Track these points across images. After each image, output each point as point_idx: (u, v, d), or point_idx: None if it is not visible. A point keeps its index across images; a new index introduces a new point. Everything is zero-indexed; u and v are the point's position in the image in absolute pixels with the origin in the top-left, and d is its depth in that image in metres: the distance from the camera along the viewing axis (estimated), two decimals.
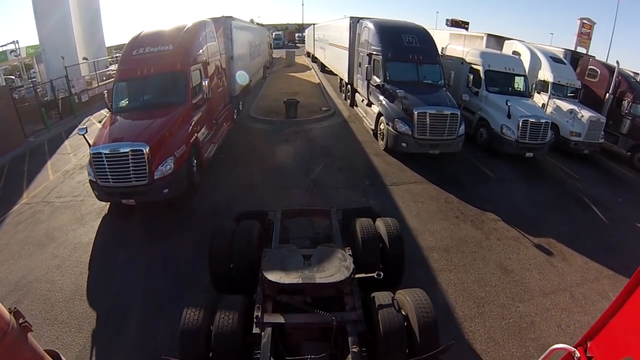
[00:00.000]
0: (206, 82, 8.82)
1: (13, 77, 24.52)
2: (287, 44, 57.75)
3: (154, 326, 4.90)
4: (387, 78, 11.09)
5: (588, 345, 2.32)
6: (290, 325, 3.63)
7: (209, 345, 3.39)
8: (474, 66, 12.63)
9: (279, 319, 3.60)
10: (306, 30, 41.56)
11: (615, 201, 9.21)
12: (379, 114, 11.08)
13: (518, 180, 9.80)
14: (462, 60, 13.26)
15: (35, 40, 22.10)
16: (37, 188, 9.30)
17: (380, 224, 4.92)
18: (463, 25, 24.18)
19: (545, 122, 10.78)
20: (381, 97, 11.04)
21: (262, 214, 5.57)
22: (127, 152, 7.06)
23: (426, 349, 3.31)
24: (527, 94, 12.51)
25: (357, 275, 3.94)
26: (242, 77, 15.76)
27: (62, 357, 2.52)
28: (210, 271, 4.68)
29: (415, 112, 9.73)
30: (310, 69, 30.05)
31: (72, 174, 10.05)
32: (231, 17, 12.53)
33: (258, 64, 21.12)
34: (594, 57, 16.72)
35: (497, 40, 19.70)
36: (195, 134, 8.56)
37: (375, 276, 3.90)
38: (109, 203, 8.00)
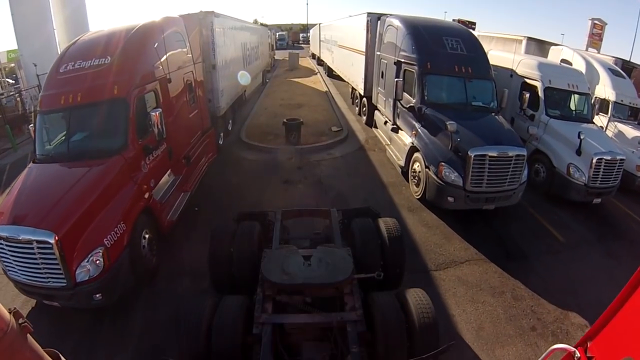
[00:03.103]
0: (156, 113, 5.51)
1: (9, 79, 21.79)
2: (290, 44, 55.25)
3: None
4: (426, 98, 7.93)
5: (588, 345, 2.25)
6: (290, 326, 3.55)
7: (209, 346, 3.26)
8: (528, 81, 9.42)
9: (279, 319, 3.53)
10: (311, 30, 38.97)
11: None
12: (413, 148, 7.96)
13: (591, 243, 7.00)
14: (511, 72, 10.10)
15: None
16: None
17: (380, 224, 4.73)
18: (470, 25, 21.58)
19: (621, 159, 7.91)
20: (417, 125, 7.85)
21: (262, 214, 5.30)
22: (31, 241, 4.28)
23: (426, 349, 3.21)
24: (590, 118, 9.38)
25: (357, 276, 3.86)
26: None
27: (62, 358, 2.16)
28: (211, 272, 4.48)
29: (472, 155, 6.55)
30: (316, 73, 26.81)
31: None
32: (213, 12, 9.01)
33: (256, 69, 17.89)
34: None
35: (539, 46, 16.48)
36: (147, 194, 5.51)
37: (375, 276, 3.85)
38: None
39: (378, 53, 10.95)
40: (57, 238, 4.24)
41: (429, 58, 8.01)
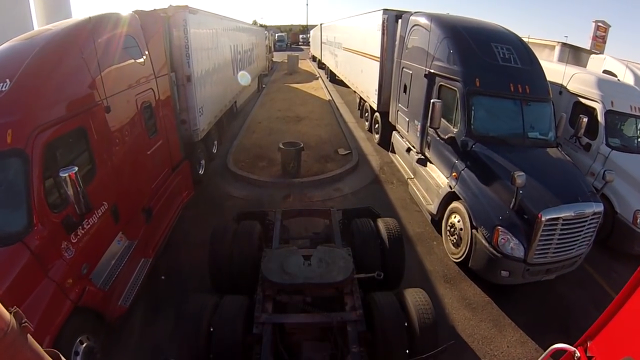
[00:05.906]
0: (70, 173, 3.33)
1: None
2: (289, 45, 53.78)
3: None
4: (473, 128, 6.06)
5: (588, 345, 2.23)
6: (290, 325, 3.56)
7: (209, 346, 3.26)
8: (584, 101, 7.64)
9: (279, 319, 3.55)
10: (312, 31, 37.36)
11: None
12: (452, 194, 6.07)
13: None
14: (560, 89, 8.24)
15: None
16: None
17: (380, 224, 4.70)
18: None
19: None
20: (459, 165, 5.90)
21: (262, 214, 5.27)
22: None
23: (426, 348, 3.23)
24: None
25: (357, 276, 3.88)
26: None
27: (62, 358, 2.10)
28: (210, 272, 4.44)
29: (544, 219, 4.68)
30: (317, 78, 24.88)
31: None
32: (186, 7, 6.87)
33: (250, 75, 16.07)
34: None
35: (575, 54, 14.65)
36: (77, 288, 3.58)
37: (376, 276, 3.89)
38: None
39: (398, 60, 9.03)
40: None
41: (478, 72, 6.07)
